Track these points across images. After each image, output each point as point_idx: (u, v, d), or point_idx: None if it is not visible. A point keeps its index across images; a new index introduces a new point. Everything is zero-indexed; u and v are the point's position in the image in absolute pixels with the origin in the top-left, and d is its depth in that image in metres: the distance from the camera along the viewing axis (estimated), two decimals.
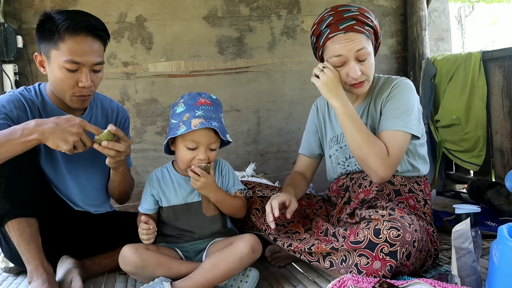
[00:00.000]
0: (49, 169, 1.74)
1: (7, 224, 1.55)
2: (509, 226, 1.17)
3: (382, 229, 1.38)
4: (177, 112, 1.62)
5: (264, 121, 3.15)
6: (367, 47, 1.64)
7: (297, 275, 1.71)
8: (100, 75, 1.67)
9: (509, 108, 2.54)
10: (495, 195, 2.38)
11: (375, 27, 1.69)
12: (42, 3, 2.82)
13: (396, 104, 1.66)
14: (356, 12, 1.66)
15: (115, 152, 1.54)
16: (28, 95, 1.70)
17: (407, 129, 1.63)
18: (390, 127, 1.64)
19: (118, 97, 2.95)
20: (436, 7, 3.38)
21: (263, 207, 1.72)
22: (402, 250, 1.36)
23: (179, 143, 1.62)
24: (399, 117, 1.64)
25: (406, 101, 1.67)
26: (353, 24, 1.63)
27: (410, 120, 1.64)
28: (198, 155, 1.58)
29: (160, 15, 2.99)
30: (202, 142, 1.58)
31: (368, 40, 1.65)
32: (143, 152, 2.99)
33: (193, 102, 1.61)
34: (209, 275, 1.49)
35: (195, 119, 1.55)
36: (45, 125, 1.45)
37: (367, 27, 1.65)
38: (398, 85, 1.70)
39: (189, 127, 1.54)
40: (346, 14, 1.64)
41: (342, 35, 1.63)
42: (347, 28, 1.62)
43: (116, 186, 1.79)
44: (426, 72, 3.06)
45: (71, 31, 1.56)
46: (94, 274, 1.78)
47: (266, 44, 3.14)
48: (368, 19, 1.66)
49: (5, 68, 2.65)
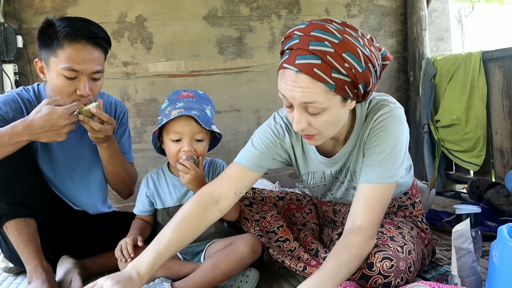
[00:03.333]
0: (48, 169, 1.73)
1: (6, 225, 1.55)
2: (509, 226, 1.17)
3: (375, 262, 1.30)
4: (162, 109, 1.65)
5: (264, 121, 3.14)
6: (321, 102, 1.21)
7: (296, 275, 1.71)
8: (99, 84, 1.66)
9: (509, 108, 2.54)
10: (495, 195, 2.38)
11: (353, 76, 1.20)
12: (42, 3, 2.82)
13: (379, 147, 1.35)
14: (330, 48, 1.18)
15: (90, 127, 1.57)
16: (26, 95, 1.70)
17: (392, 179, 1.35)
18: (372, 180, 1.34)
19: (118, 97, 2.93)
20: (436, 7, 3.37)
21: (251, 216, 1.70)
22: (397, 280, 1.31)
23: (165, 138, 1.62)
24: (382, 166, 1.34)
25: (393, 142, 1.34)
26: (314, 65, 1.18)
27: (395, 165, 1.35)
28: (183, 146, 1.57)
29: (160, 15, 2.99)
30: (185, 133, 1.57)
31: (329, 94, 1.21)
32: (143, 152, 2.99)
33: (176, 96, 1.64)
34: (209, 276, 1.49)
35: (175, 110, 1.57)
36: (33, 126, 1.46)
37: (335, 75, 1.18)
38: (383, 122, 1.35)
39: (168, 117, 1.56)
40: (314, 47, 1.18)
41: (293, 74, 1.21)
42: (303, 67, 1.19)
43: (106, 166, 1.78)
44: (426, 72, 3.05)
45: (70, 39, 1.55)
46: (94, 274, 1.77)
47: (266, 44, 3.14)
48: (346, 63, 1.18)
49: (5, 68, 2.64)
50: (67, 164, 1.76)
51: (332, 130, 1.33)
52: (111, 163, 1.76)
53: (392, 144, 1.34)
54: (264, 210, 1.73)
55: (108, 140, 1.67)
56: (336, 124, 1.32)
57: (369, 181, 1.35)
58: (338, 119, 1.30)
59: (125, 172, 1.84)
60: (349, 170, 1.50)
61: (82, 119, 1.55)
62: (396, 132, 1.35)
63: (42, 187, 1.71)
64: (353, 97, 1.27)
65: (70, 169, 1.77)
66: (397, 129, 1.35)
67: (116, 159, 1.77)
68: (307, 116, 1.25)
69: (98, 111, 1.57)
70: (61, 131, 1.48)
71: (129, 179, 1.87)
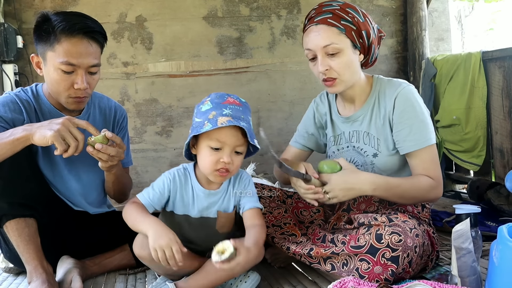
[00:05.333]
0: (48, 169, 1.73)
1: (6, 225, 1.55)
2: (509, 226, 1.17)
3: (384, 234, 1.37)
4: (203, 110, 1.48)
5: (264, 121, 3.15)
6: (337, 42, 1.56)
7: (297, 275, 1.71)
8: (96, 77, 1.66)
9: (509, 108, 2.54)
10: (495, 195, 2.38)
11: (357, 24, 1.59)
12: (42, 3, 2.82)
13: (410, 120, 1.59)
14: (337, 6, 1.60)
15: (107, 156, 1.52)
16: (24, 96, 1.70)
17: (430, 141, 1.59)
18: (416, 147, 1.58)
19: (118, 97, 2.95)
20: (436, 7, 3.38)
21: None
22: (404, 255, 1.35)
23: (202, 143, 1.48)
24: (417, 133, 1.58)
25: (418, 111, 1.60)
26: (327, 17, 1.57)
27: (428, 130, 1.60)
28: (223, 157, 1.44)
29: (160, 15, 2.99)
30: (228, 143, 1.44)
31: (341, 36, 1.57)
32: (143, 152, 2.99)
33: (221, 100, 1.49)
34: (212, 277, 1.47)
35: (222, 117, 1.42)
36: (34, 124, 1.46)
37: (344, 22, 1.57)
38: (403, 96, 1.62)
39: (215, 124, 1.40)
40: (325, 8, 1.60)
41: (314, 27, 1.59)
42: (320, 20, 1.58)
43: (111, 186, 1.80)
44: (426, 72, 3.06)
45: (67, 33, 1.56)
46: (94, 274, 1.77)
47: (266, 44, 3.14)
48: (349, 14, 1.58)
49: (5, 68, 2.65)
50: (67, 164, 1.76)
51: (349, 75, 1.61)
52: (116, 184, 1.79)
53: (419, 115, 1.60)
54: (272, 206, 1.76)
55: (119, 165, 1.68)
56: (351, 69, 1.61)
57: (417, 147, 1.58)
58: (352, 63, 1.61)
59: (125, 187, 1.88)
60: (372, 136, 1.68)
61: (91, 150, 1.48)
62: (418, 105, 1.61)
63: (43, 187, 1.71)
64: (360, 48, 1.62)
65: (70, 170, 1.77)
66: (417, 103, 1.61)
67: (122, 179, 1.81)
68: (328, 60, 1.58)
69: (113, 134, 1.50)
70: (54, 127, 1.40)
71: (127, 190, 1.92)
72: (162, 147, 3.06)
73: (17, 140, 1.43)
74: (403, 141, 1.61)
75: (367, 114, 1.69)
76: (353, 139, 1.73)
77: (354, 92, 1.69)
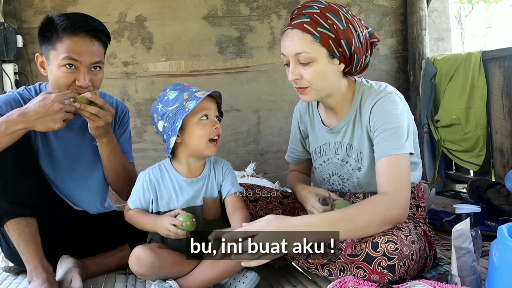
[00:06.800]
0: (49, 168, 1.73)
1: (6, 224, 1.55)
2: (509, 226, 1.17)
3: (380, 243, 1.35)
4: (172, 98, 1.54)
5: (264, 121, 3.15)
6: (309, 51, 1.44)
7: (297, 275, 1.71)
8: (99, 76, 1.66)
9: (509, 108, 2.54)
10: (495, 195, 2.38)
11: (335, 32, 1.44)
12: (42, 3, 2.83)
13: (382, 127, 1.48)
14: (317, 10, 1.46)
15: (89, 114, 1.54)
16: (27, 95, 1.70)
17: (402, 150, 1.45)
18: (384, 154, 1.46)
19: (118, 96, 2.93)
20: (436, 7, 3.38)
21: (256, 212, 1.70)
22: (400, 264, 1.34)
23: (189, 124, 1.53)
24: (389, 140, 1.46)
25: (392, 119, 1.48)
26: (304, 21, 1.45)
27: (401, 139, 1.46)
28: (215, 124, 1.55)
29: (160, 15, 2.99)
30: (212, 110, 1.56)
31: (315, 44, 1.44)
32: (143, 152, 3.00)
33: (181, 86, 1.59)
34: (209, 273, 1.49)
35: (197, 92, 1.53)
36: (27, 113, 1.47)
37: (320, 29, 1.44)
38: (380, 105, 1.50)
39: (197, 98, 1.50)
40: (306, 10, 1.47)
41: (289, 31, 1.49)
42: (296, 24, 1.46)
43: (106, 164, 1.75)
44: (426, 72, 3.06)
45: (68, 32, 1.56)
46: (94, 273, 1.77)
47: (266, 44, 3.14)
48: (328, 20, 1.44)
49: (5, 67, 2.65)
50: (67, 164, 1.76)
51: (322, 85, 1.50)
52: (111, 160, 1.75)
53: (392, 122, 1.48)
54: (269, 208, 1.74)
55: (108, 133, 1.66)
56: (325, 79, 1.49)
57: (382, 155, 1.47)
58: (327, 73, 1.49)
59: (125, 171, 1.83)
60: (355, 149, 1.59)
61: (78, 106, 1.53)
62: (394, 112, 1.49)
63: (43, 186, 1.71)
64: (339, 57, 1.48)
65: (71, 169, 1.77)
66: (394, 110, 1.49)
67: (117, 156, 1.76)
68: (300, 68, 1.48)
69: (94, 96, 1.55)
70: (56, 116, 1.47)
71: (129, 177, 1.85)
72: (162, 146, 3.05)
73: (16, 132, 1.47)
74: (374, 147, 1.51)
75: (349, 125, 1.60)
76: (338, 151, 1.65)
77: (335, 101, 1.59)
